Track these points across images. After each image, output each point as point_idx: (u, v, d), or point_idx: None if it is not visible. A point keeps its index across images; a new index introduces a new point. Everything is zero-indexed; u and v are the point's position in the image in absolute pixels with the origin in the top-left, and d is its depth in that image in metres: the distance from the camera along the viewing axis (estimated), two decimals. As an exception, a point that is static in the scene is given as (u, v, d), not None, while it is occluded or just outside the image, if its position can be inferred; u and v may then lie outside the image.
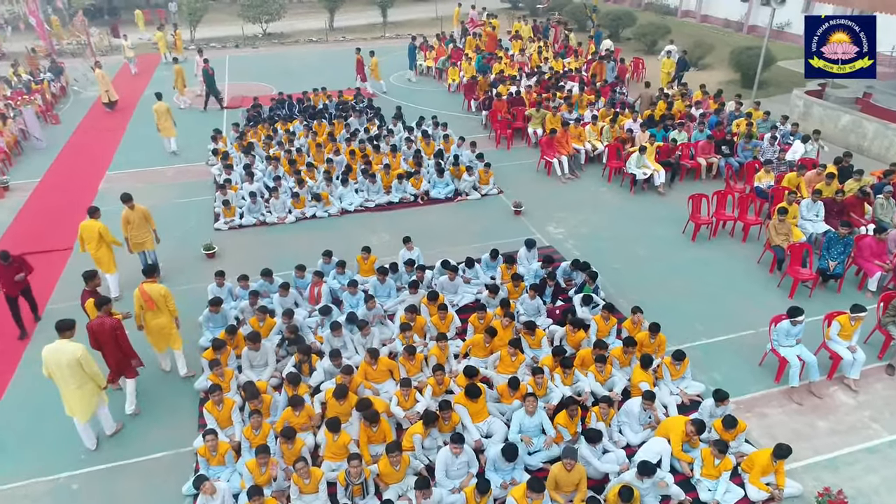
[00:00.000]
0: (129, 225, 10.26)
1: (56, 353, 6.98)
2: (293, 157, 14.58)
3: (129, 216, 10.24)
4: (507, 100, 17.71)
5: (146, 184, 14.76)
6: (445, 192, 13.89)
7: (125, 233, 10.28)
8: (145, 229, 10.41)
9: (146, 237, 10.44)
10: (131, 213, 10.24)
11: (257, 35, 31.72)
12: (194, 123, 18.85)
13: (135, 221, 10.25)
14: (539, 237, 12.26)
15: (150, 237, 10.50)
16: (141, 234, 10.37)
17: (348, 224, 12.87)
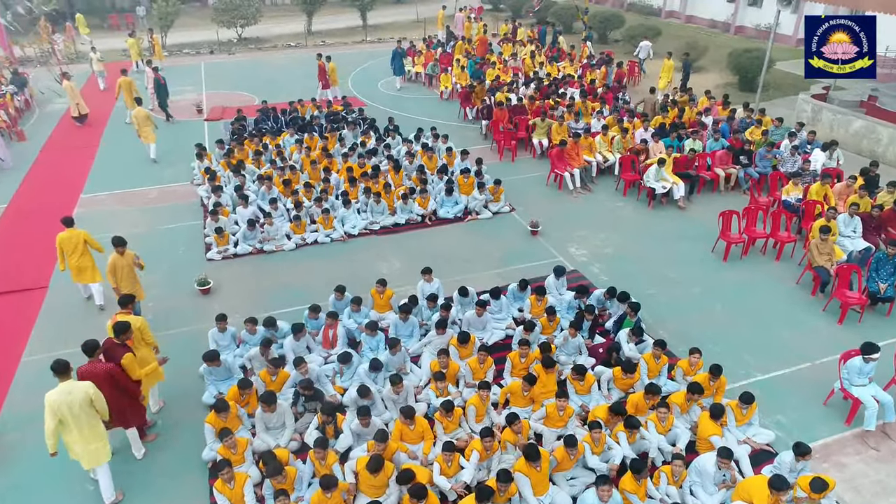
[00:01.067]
0: (115, 274, 8.90)
1: (67, 395, 6.27)
2: (287, 176, 13.51)
3: (118, 263, 8.88)
4: (508, 109, 16.85)
5: (126, 207, 13.53)
6: (454, 210, 12.96)
7: (112, 283, 8.95)
8: (133, 278, 9.10)
9: (135, 288, 9.12)
10: (120, 260, 8.88)
11: (232, 40, 30.34)
12: (172, 138, 17.59)
13: (123, 270, 8.92)
14: (561, 260, 11.43)
15: (139, 287, 9.22)
16: (129, 285, 9.02)
17: (354, 250, 11.86)
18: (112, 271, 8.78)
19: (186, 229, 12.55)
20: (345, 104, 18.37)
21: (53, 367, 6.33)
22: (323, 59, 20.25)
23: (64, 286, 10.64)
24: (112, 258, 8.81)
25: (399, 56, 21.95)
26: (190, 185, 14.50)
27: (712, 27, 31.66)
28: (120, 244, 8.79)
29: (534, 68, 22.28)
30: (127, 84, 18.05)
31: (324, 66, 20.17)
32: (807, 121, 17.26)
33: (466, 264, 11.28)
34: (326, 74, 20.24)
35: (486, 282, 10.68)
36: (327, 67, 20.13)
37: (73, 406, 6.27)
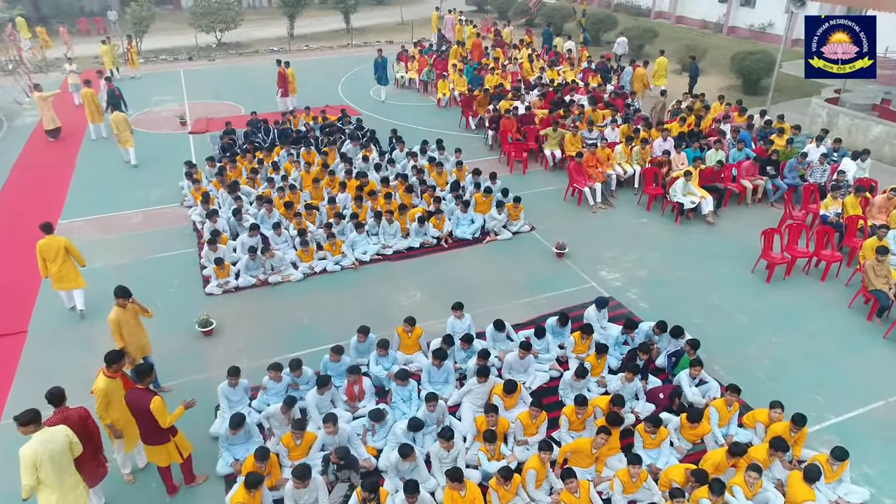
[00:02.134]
0: (121, 331, 7.57)
1: (49, 443, 5.64)
2: (287, 197, 12.44)
3: (122, 318, 7.55)
4: (515, 118, 15.96)
5: (109, 235, 12.31)
6: (471, 231, 12.02)
7: (118, 343, 7.56)
8: (141, 332, 7.85)
9: (144, 338, 7.91)
10: (124, 315, 7.56)
11: (211, 45, 28.98)
12: (155, 153, 16.36)
13: (129, 325, 7.62)
14: (594, 285, 10.57)
15: (147, 338, 7.98)
16: (137, 341, 7.77)
17: (367, 278, 10.85)
18: (117, 329, 7.50)
19: (179, 259, 11.40)
20: (342, 114, 17.30)
21: (22, 419, 5.63)
22: (282, 65, 19.08)
23: (46, 330, 9.48)
24: (115, 313, 7.52)
25: (381, 66, 20.23)
26: (179, 208, 13.33)
27: (703, 28, 31.23)
28: (123, 295, 7.52)
29: (533, 73, 21.47)
30: (90, 96, 16.75)
31: (284, 73, 19.01)
32: (822, 126, 16.68)
33: (492, 293, 10.35)
34: (287, 81, 19.11)
35: (516, 313, 9.79)
36: (286, 74, 19.01)
37: (56, 454, 5.62)
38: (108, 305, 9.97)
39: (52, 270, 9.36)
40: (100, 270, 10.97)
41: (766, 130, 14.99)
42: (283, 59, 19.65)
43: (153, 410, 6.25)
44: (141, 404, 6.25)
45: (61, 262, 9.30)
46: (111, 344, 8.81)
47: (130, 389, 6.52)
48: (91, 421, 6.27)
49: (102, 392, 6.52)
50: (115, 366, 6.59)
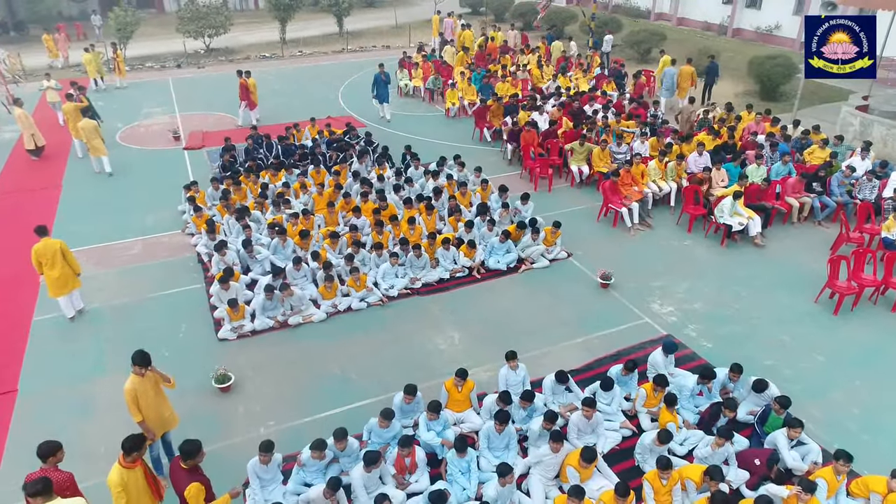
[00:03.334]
0: (138, 403, 6.39)
1: None
2: (301, 225, 11.35)
3: (140, 389, 6.39)
4: (537, 131, 14.99)
5: (104, 269, 11.12)
6: (506, 260, 11.02)
7: (136, 417, 6.42)
8: (162, 404, 6.70)
9: (167, 410, 6.77)
10: (142, 384, 6.41)
11: (200, 51, 27.66)
12: (149, 173, 15.15)
13: (149, 394, 6.47)
14: (647, 321, 9.64)
15: (171, 410, 6.85)
16: (159, 410, 6.63)
17: (398, 317, 9.80)
18: (134, 401, 6.32)
19: (185, 297, 10.27)
20: (348, 127, 16.21)
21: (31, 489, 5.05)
22: (243, 76, 17.85)
23: (39, 388, 8.32)
24: (132, 383, 6.35)
25: (384, 83, 18.37)
26: (181, 235, 12.18)
27: (706, 30, 30.57)
28: (142, 364, 6.36)
29: (543, 80, 20.55)
30: (73, 111, 15.54)
31: (245, 84, 17.82)
32: (854, 135, 15.95)
33: (538, 332, 9.37)
34: (249, 92, 17.93)
35: (569, 356, 8.84)
36: (248, 84, 17.83)
37: None
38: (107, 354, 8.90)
39: (52, 277, 9.13)
40: (97, 313, 9.84)
41: (803, 142, 14.21)
42: (243, 70, 18.33)
43: (187, 498, 5.45)
44: (178, 487, 5.64)
45: (61, 267, 9.12)
46: (110, 405, 7.83)
47: (173, 465, 5.84)
48: None
49: (118, 486, 5.45)
50: (135, 454, 5.51)
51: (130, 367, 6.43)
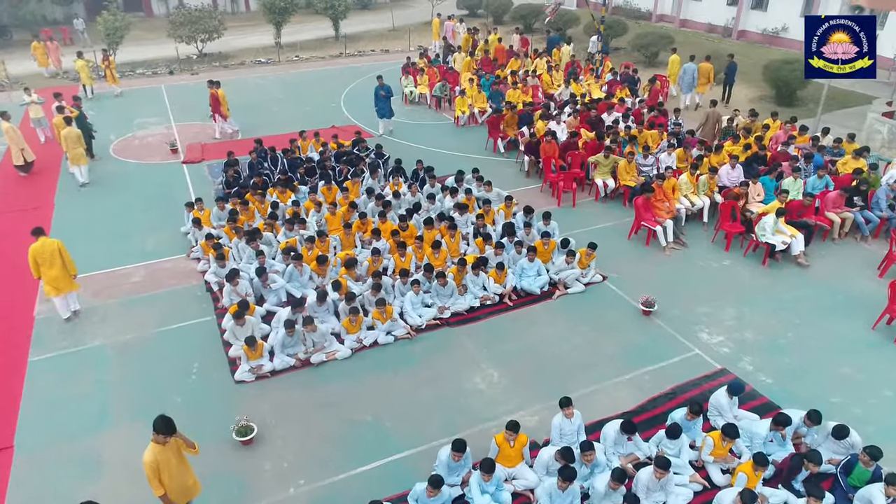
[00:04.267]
0: (159, 474, 5.61)
1: None
2: (317, 249, 10.57)
3: (162, 459, 5.59)
4: (557, 142, 14.30)
5: (104, 300, 10.26)
6: (538, 283, 10.30)
7: (157, 491, 5.64)
8: (185, 468, 5.90)
9: (190, 478, 5.96)
10: (163, 453, 5.60)
11: (192, 57, 26.70)
12: (146, 190, 14.27)
13: (172, 463, 5.67)
14: (698, 353, 8.96)
15: (194, 478, 6.04)
16: (182, 480, 5.84)
17: (428, 352, 9.04)
18: (155, 473, 5.52)
19: (196, 332, 9.44)
20: (357, 138, 15.41)
21: None
22: (213, 86, 16.77)
23: (36, 444, 7.48)
24: (153, 453, 5.55)
25: (386, 99, 17.10)
26: (185, 260, 11.34)
27: (710, 32, 30.03)
28: (165, 431, 5.52)
29: (553, 87, 19.87)
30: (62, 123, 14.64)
31: (216, 94, 16.73)
32: (882, 143, 15.43)
33: (582, 368, 8.66)
34: (219, 103, 16.86)
35: (619, 395, 8.15)
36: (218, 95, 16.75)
37: None
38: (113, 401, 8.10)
39: (50, 276, 9.16)
40: (99, 352, 9.01)
41: (835, 151, 13.64)
42: (214, 80, 17.30)
43: None
44: None
45: (59, 267, 9.18)
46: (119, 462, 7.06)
47: None
48: None
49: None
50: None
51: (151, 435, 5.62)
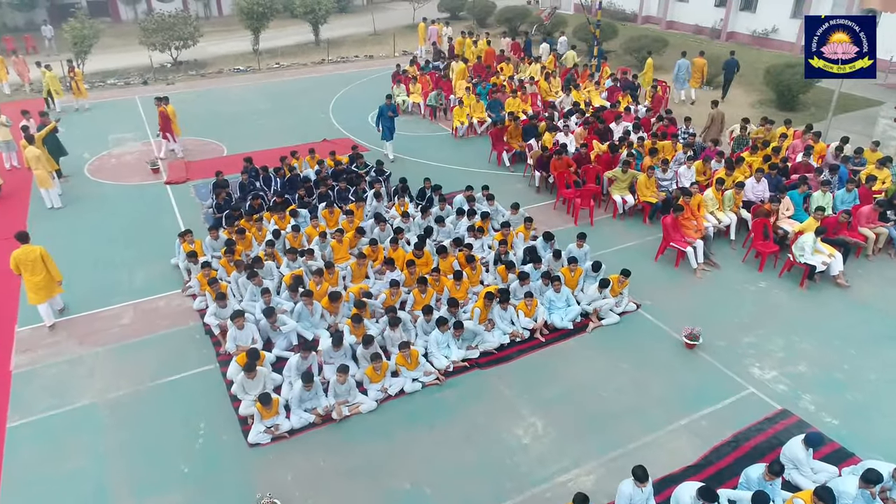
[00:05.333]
0: None
1: None
2: (326, 282, 9.64)
3: None
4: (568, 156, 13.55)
5: (93, 348, 9.14)
6: (570, 316, 9.51)
7: None
8: None
9: None
10: None
11: (166, 65, 25.36)
12: (129, 217, 13.12)
13: None
14: (753, 391, 8.26)
15: None
16: None
17: (462, 401, 8.16)
18: None
19: (197, 383, 8.43)
20: (354, 154, 14.46)
21: None
22: (162, 103, 15.45)
23: None
24: None
25: (390, 118, 15.39)
26: (179, 296, 10.30)
27: (698, 33, 29.72)
28: None
29: (551, 94, 19.16)
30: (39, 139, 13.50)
31: (164, 112, 15.38)
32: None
33: (632, 414, 7.89)
34: (168, 121, 15.50)
35: (678, 447, 7.41)
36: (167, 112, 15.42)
37: None
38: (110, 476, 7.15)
39: (33, 282, 9.07)
40: (89, 412, 7.96)
41: (857, 161, 13.17)
42: (161, 96, 16.11)
43: None
44: None
45: (42, 273, 9.11)
46: None
47: None
48: None
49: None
50: None
51: None
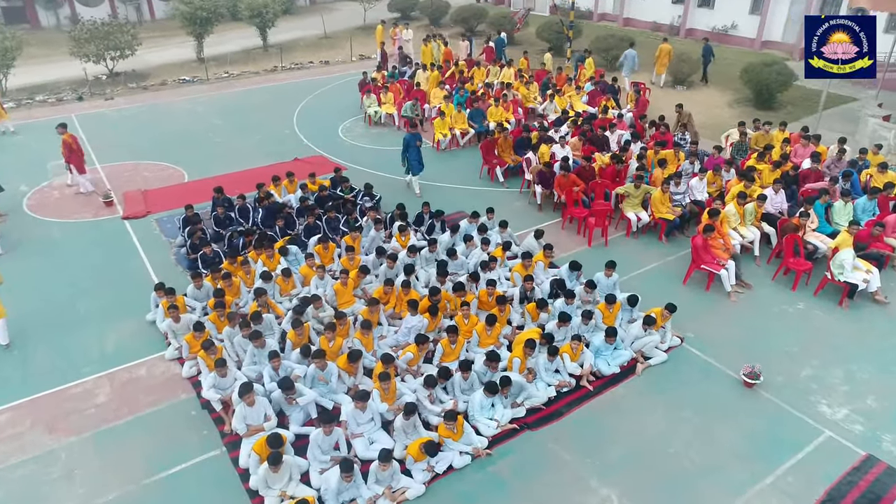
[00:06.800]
0: None
1: None
2: (338, 333, 8.41)
3: None
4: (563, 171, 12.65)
5: (64, 437, 7.58)
6: (619, 361, 8.61)
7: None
8: None
9: None
10: None
11: (101, 77, 23.07)
12: (82, 262, 11.40)
13: None
14: (831, 435, 7.56)
15: None
16: None
17: (520, 474, 7.09)
18: None
19: (203, 476, 7.04)
20: (336, 176, 13.13)
21: None
22: (62, 129, 13.39)
23: None
24: None
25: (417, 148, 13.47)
26: (162, 361, 8.80)
27: (655, 30, 29.54)
28: None
29: (531, 101, 18.32)
30: None
31: (70, 142, 13.32)
32: (889, 150, 14.88)
33: (713, 474, 7.05)
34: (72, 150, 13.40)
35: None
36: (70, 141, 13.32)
37: None
38: None
39: None
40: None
41: (860, 163, 12.87)
42: (61, 122, 13.95)
43: None
44: None
45: None
46: None
47: None
48: None
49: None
50: None
51: None
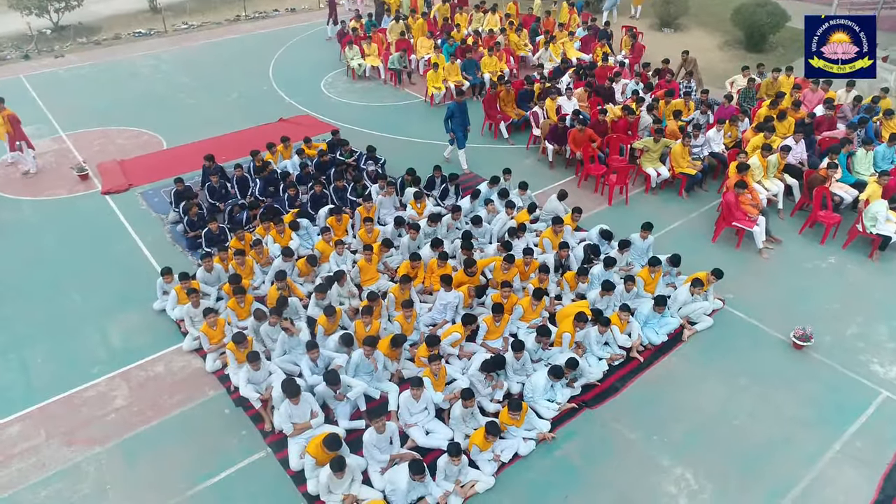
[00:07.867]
0: None
1: None
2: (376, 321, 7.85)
3: None
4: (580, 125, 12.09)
5: (86, 450, 6.89)
6: (668, 329, 8.32)
7: None
8: None
9: None
10: None
11: (45, 31, 20.99)
12: (65, 246, 10.39)
13: None
14: (888, 395, 7.50)
15: None
16: None
17: (587, 457, 6.76)
18: None
19: (251, 482, 6.50)
20: (335, 139, 12.25)
21: None
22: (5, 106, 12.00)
23: None
24: None
25: (461, 117, 12.07)
26: (181, 354, 8.08)
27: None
28: None
29: (522, 48, 17.48)
30: None
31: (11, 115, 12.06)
32: (891, 93, 14.76)
33: (781, 446, 6.88)
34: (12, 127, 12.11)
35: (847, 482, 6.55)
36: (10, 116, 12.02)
37: None
38: None
39: None
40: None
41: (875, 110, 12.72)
42: None
43: None
44: None
45: None
46: None
47: None
48: None
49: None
50: None
51: None
